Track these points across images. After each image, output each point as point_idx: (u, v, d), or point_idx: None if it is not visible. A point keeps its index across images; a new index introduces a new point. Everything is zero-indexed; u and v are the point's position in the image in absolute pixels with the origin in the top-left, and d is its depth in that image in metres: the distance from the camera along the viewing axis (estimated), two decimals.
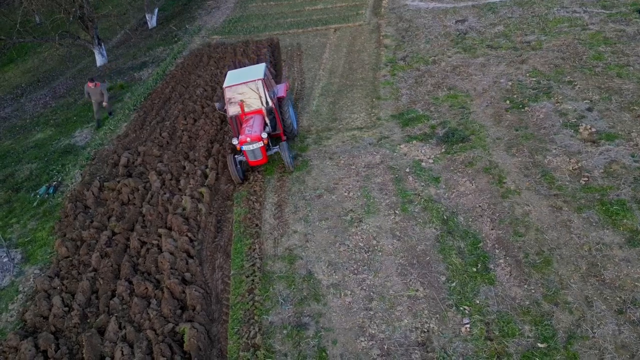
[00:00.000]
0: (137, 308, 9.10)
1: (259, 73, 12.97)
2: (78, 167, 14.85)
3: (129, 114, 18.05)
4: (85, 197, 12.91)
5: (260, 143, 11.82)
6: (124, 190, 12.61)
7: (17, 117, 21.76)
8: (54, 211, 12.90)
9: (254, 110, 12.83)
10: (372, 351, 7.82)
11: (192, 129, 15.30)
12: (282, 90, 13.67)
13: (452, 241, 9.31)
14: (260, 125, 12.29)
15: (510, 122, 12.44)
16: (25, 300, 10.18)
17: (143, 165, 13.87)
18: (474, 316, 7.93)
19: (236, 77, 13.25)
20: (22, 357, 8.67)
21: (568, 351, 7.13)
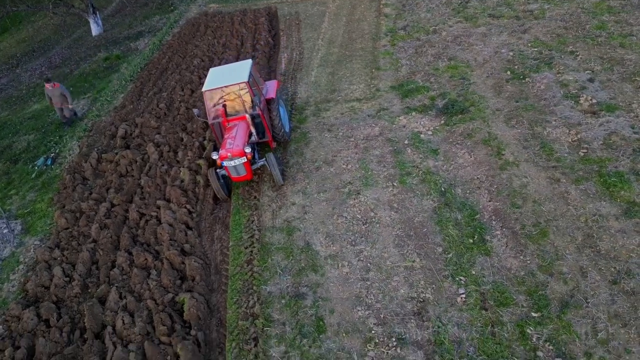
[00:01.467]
0: (137, 278, 9.21)
1: (244, 74, 11.21)
2: (75, 138, 14.79)
3: (126, 84, 17.87)
4: (83, 168, 12.90)
5: (243, 159, 10.40)
6: (122, 162, 12.59)
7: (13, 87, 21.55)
8: (52, 183, 12.92)
9: (238, 116, 11.28)
10: (369, 320, 7.95)
11: (189, 100, 15.17)
12: (271, 89, 12.12)
13: (450, 213, 9.34)
14: (244, 136, 10.77)
15: (511, 93, 12.32)
16: (26, 271, 10.30)
17: (141, 137, 13.81)
18: (469, 286, 8.03)
19: (218, 77, 11.52)
20: (24, 326, 8.82)
21: (561, 320, 7.25)
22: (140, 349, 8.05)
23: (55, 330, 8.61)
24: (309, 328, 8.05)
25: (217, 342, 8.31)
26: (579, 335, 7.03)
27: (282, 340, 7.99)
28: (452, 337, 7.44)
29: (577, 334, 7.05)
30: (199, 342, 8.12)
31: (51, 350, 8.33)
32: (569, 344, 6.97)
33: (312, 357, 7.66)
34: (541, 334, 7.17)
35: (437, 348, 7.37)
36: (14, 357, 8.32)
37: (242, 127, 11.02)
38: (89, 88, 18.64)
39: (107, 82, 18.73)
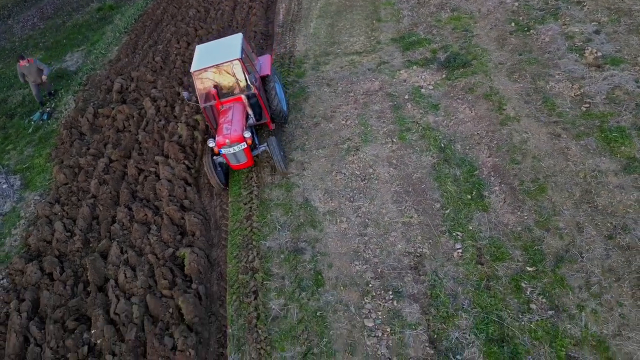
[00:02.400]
0: (137, 233, 9.30)
1: (235, 50, 10.02)
2: (71, 92, 14.57)
3: (120, 37, 17.43)
4: (80, 123, 12.78)
5: (242, 144, 9.49)
6: (118, 117, 12.46)
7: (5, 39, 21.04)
8: (49, 138, 12.83)
9: (232, 97, 10.21)
10: (366, 274, 8.09)
11: (185, 53, 14.84)
12: (265, 65, 10.98)
13: (448, 169, 9.32)
14: (241, 119, 9.80)
15: (514, 46, 12.01)
16: (27, 226, 10.40)
17: (137, 91, 13.59)
18: (466, 242, 8.11)
19: (206, 55, 10.30)
20: (28, 279, 9.00)
21: (556, 274, 7.37)
22: (142, 301, 8.24)
23: (59, 283, 8.78)
24: (307, 282, 8.20)
25: (218, 295, 8.49)
26: (572, 288, 7.17)
27: (282, 293, 8.16)
28: (447, 290, 7.59)
29: (570, 287, 7.19)
30: (200, 295, 8.30)
31: (55, 303, 8.52)
32: (562, 297, 7.12)
33: (310, 309, 7.84)
34: (535, 287, 7.31)
35: (432, 301, 7.53)
36: (19, 309, 8.52)
37: (237, 109, 9.99)
38: (83, 40, 18.20)
39: (101, 34, 18.26)
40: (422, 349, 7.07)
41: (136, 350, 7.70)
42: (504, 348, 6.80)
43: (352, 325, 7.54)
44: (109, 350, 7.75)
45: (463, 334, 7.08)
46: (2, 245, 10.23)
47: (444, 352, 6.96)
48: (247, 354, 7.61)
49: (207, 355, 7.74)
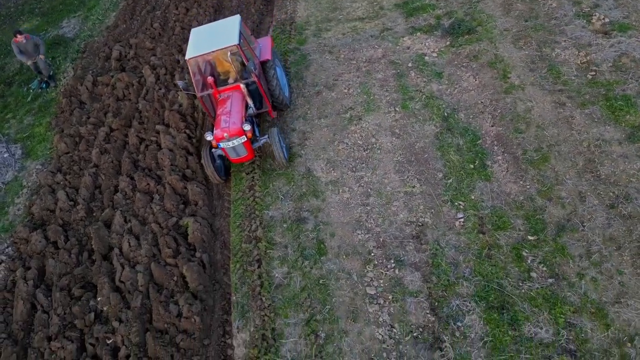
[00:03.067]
0: (140, 203, 9.33)
1: (233, 35, 9.36)
2: (69, 60, 14.36)
3: (117, 2, 17.05)
4: (80, 92, 12.65)
5: (242, 138, 8.96)
6: (118, 85, 12.31)
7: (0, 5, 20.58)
8: (49, 106, 12.72)
9: (230, 86, 9.64)
10: (368, 243, 8.16)
11: (184, 20, 14.55)
12: (265, 49, 10.26)
13: (452, 138, 9.26)
14: (240, 109, 9.25)
15: (521, 11, 11.75)
16: (30, 195, 10.42)
17: (136, 58, 13.39)
18: (468, 211, 8.14)
19: (202, 41, 9.61)
20: (33, 247, 9.08)
21: (556, 243, 7.43)
22: (147, 269, 8.34)
23: (64, 251, 8.87)
24: (310, 250, 8.28)
25: (222, 263, 8.58)
26: (573, 257, 7.24)
27: (285, 261, 8.25)
28: (449, 259, 7.67)
29: (571, 256, 7.25)
30: (203, 263, 8.39)
31: (61, 271, 8.63)
32: (562, 265, 7.19)
33: (313, 277, 7.94)
34: (536, 256, 7.38)
35: (434, 269, 7.62)
36: (25, 277, 8.63)
37: (236, 98, 9.43)
38: (79, 6, 17.80)
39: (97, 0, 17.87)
40: (423, 316, 7.20)
41: (142, 317, 7.84)
42: (503, 315, 6.91)
43: (354, 292, 7.65)
44: (115, 316, 7.89)
45: (464, 301, 7.20)
46: (6, 214, 10.29)
47: (445, 319, 7.09)
48: (251, 320, 7.75)
49: (212, 322, 7.89)
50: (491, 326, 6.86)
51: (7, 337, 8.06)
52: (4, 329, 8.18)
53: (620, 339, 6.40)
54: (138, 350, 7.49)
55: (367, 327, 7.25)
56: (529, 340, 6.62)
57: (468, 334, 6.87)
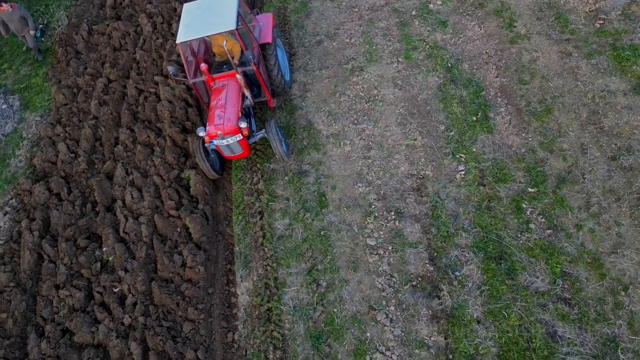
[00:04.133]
0: (141, 155, 9.32)
1: (230, 17, 8.36)
2: (62, 8, 13.93)
3: None
4: (75, 41, 12.35)
5: (238, 136, 8.34)
6: (114, 35, 12.00)
7: None
8: (45, 56, 12.46)
9: (226, 73, 8.85)
10: (369, 196, 8.21)
11: None
12: (266, 29, 9.24)
13: (455, 90, 9.13)
14: (236, 102, 8.53)
15: None
16: (31, 147, 10.40)
17: (131, 6, 12.98)
18: (469, 163, 8.15)
19: (194, 22, 8.57)
20: (36, 199, 9.16)
21: (556, 195, 7.48)
22: (150, 221, 8.44)
23: (67, 203, 8.95)
24: (311, 203, 8.35)
25: (224, 215, 8.68)
26: (572, 209, 7.31)
27: (286, 214, 8.34)
28: (449, 211, 7.75)
29: (570, 207, 7.32)
30: (206, 215, 8.49)
31: (66, 222, 8.74)
32: (561, 217, 7.27)
33: (314, 229, 8.05)
34: (535, 208, 7.45)
35: (434, 221, 7.71)
36: (30, 228, 8.76)
37: (232, 89, 8.69)
38: None
39: None
40: (422, 266, 7.35)
41: (147, 266, 8.01)
42: (501, 265, 7.06)
43: (355, 244, 7.78)
44: (121, 266, 8.06)
45: (462, 252, 7.33)
46: (8, 166, 10.31)
47: (443, 269, 7.24)
48: (254, 270, 7.93)
49: (216, 272, 8.07)
50: (488, 276, 7.02)
51: (16, 285, 8.27)
52: (12, 278, 8.38)
53: (615, 287, 6.56)
54: (144, 299, 7.70)
55: (367, 276, 7.43)
56: (525, 289, 6.79)
57: (466, 283, 7.04)
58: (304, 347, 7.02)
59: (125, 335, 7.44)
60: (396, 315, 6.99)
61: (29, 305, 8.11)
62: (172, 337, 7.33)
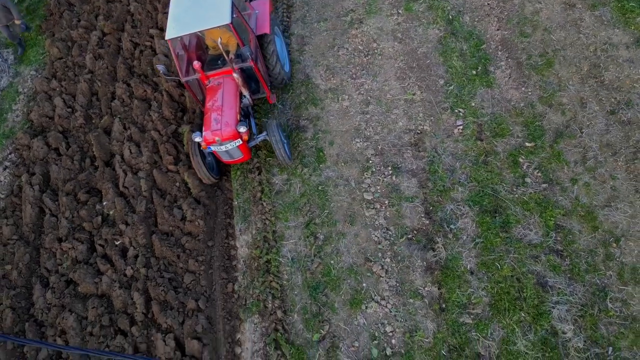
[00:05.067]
0: (138, 110, 9.27)
1: (224, 10, 7.57)
2: None
3: None
4: None
5: (237, 141, 7.80)
6: None
7: None
8: (37, 9, 12.18)
9: (221, 70, 8.16)
10: (367, 151, 8.23)
11: None
12: (262, 18, 8.49)
13: (455, 43, 8.97)
14: (233, 103, 7.95)
15: None
16: (27, 101, 10.34)
17: None
18: (467, 118, 8.11)
19: (185, 14, 7.77)
20: (35, 154, 9.19)
21: (553, 149, 7.49)
22: (149, 176, 8.50)
23: (66, 158, 8.99)
24: (309, 158, 8.37)
25: (223, 171, 8.71)
26: (568, 163, 7.34)
27: (284, 169, 8.38)
28: (445, 166, 7.78)
29: (566, 162, 7.35)
30: None
31: (65, 177, 8.80)
32: (557, 171, 7.31)
33: (312, 184, 8.11)
34: (532, 162, 7.48)
35: (430, 176, 7.76)
36: (30, 182, 8.83)
37: (228, 89, 8.06)
38: None
39: None
40: (418, 220, 7.46)
41: (147, 220, 8.13)
42: (496, 218, 7.16)
43: (352, 198, 7.86)
44: (121, 220, 8.18)
45: (458, 206, 7.41)
46: (5, 120, 10.28)
47: (439, 222, 7.35)
48: (253, 223, 8.04)
49: (215, 225, 8.19)
50: (483, 229, 7.13)
51: (19, 238, 8.42)
52: (15, 231, 8.52)
53: (607, 240, 6.68)
54: (145, 251, 7.86)
55: (363, 229, 7.55)
56: (518, 242, 6.92)
57: (460, 236, 7.16)
58: (301, 296, 7.22)
59: (127, 285, 7.63)
60: (391, 267, 7.15)
61: (33, 257, 8.28)
62: (173, 288, 7.53)
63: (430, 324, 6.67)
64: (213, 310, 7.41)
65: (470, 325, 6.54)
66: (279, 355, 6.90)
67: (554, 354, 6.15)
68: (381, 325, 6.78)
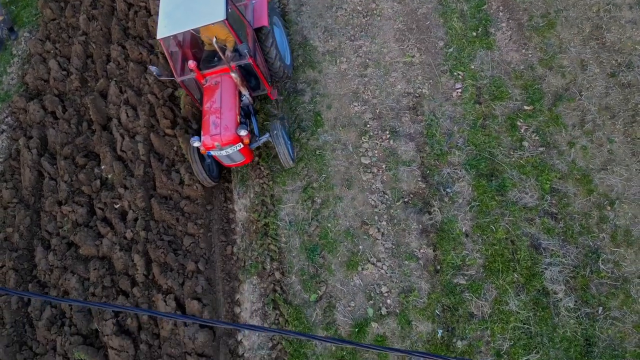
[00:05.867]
0: (134, 73, 9.17)
1: (218, 4, 7.06)
2: None
3: None
4: None
5: (238, 145, 7.39)
6: None
7: None
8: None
9: (218, 68, 7.69)
10: (365, 115, 8.18)
11: None
12: (260, 9, 7.89)
13: (456, 3, 8.77)
14: (232, 104, 7.53)
15: None
16: (22, 64, 10.23)
17: None
18: (466, 81, 8.03)
19: (177, 9, 7.29)
20: (32, 117, 9.16)
21: (552, 112, 7.45)
22: (147, 140, 8.49)
23: (63, 121, 8.96)
24: (307, 122, 8.34)
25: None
26: (566, 126, 7.31)
27: None
28: (443, 129, 7.76)
29: (564, 125, 7.32)
30: None
31: (63, 140, 8.80)
32: (554, 134, 7.30)
33: (310, 148, 8.11)
34: (530, 125, 7.45)
35: (428, 140, 7.75)
36: (28, 145, 8.83)
37: (227, 88, 7.62)
38: None
39: None
40: (415, 183, 7.50)
41: (146, 184, 8.18)
42: (492, 182, 7.19)
43: (349, 162, 7.88)
44: (120, 183, 8.23)
45: (454, 169, 7.44)
46: (0, 83, 10.19)
47: (435, 186, 7.39)
48: (251, 188, 8.09)
49: (214, 189, 8.24)
50: (479, 192, 7.18)
51: (19, 201, 8.50)
52: (14, 194, 8.59)
53: (602, 203, 6.73)
54: (145, 214, 7.94)
55: (360, 193, 7.59)
56: (513, 205, 6.97)
57: (456, 199, 7.22)
58: (299, 258, 7.34)
59: (128, 248, 7.75)
60: (387, 230, 7.24)
61: (33, 220, 8.38)
62: (173, 250, 7.65)
63: (425, 284, 6.80)
64: (212, 272, 7.55)
65: (463, 286, 6.67)
66: (277, 315, 7.07)
67: (545, 314, 6.30)
68: (377, 286, 6.92)
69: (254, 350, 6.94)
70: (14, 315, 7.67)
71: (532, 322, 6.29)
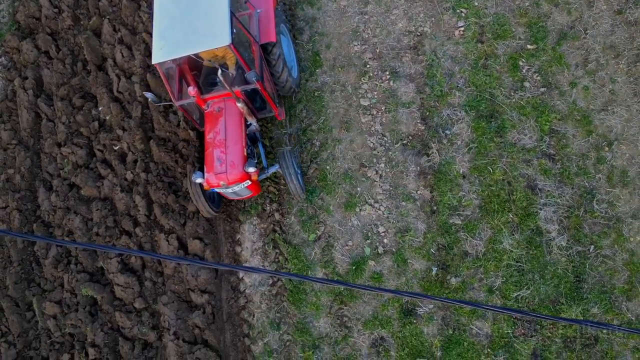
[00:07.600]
0: (128, 11, 8.88)
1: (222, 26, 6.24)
2: None
3: None
4: None
5: (246, 182, 6.74)
6: None
7: None
8: None
9: (220, 93, 6.94)
10: (365, 55, 8.02)
11: None
12: (267, 22, 7.11)
13: None
14: (239, 136, 6.84)
15: None
16: (12, 1, 9.90)
17: None
18: (469, 19, 7.80)
19: (173, 29, 6.44)
20: (25, 57, 8.98)
21: (555, 52, 7.30)
22: (143, 80, 8.37)
23: (58, 61, 8.80)
24: (305, 63, 8.18)
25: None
26: (569, 66, 7.19)
27: None
28: (444, 70, 7.63)
29: (567, 65, 7.19)
30: None
31: (58, 81, 8.68)
32: (557, 74, 7.18)
33: (308, 89, 8.01)
34: (532, 65, 7.32)
35: (428, 80, 7.64)
36: (24, 86, 8.72)
37: (232, 118, 6.90)
38: None
39: None
40: (414, 125, 7.47)
41: (144, 125, 8.14)
42: (491, 123, 7.16)
43: (348, 104, 7.81)
44: (118, 125, 8.20)
45: (454, 111, 7.38)
46: None
47: (434, 128, 7.37)
48: None
49: None
50: (478, 133, 7.16)
51: (18, 143, 8.51)
52: (13, 135, 8.59)
53: (600, 144, 6.74)
54: (144, 156, 7.97)
55: (359, 136, 7.58)
56: (512, 146, 6.98)
57: (455, 141, 7.22)
58: (298, 200, 7.44)
59: (129, 189, 7.84)
60: (385, 172, 7.29)
61: (34, 161, 8.42)
62: (173, 192, 7.73)
63: (421, 224, 6.94)
64: None
65: (459, 226, 6.80)
66: (277, 254, 7.26)
67: (537, 252, 6.47)
68: (374, 226, 7.06)
69: (255, 286, 7.19)
70: (21, 253, 7.89)
71: (524, 260, 6.47)
